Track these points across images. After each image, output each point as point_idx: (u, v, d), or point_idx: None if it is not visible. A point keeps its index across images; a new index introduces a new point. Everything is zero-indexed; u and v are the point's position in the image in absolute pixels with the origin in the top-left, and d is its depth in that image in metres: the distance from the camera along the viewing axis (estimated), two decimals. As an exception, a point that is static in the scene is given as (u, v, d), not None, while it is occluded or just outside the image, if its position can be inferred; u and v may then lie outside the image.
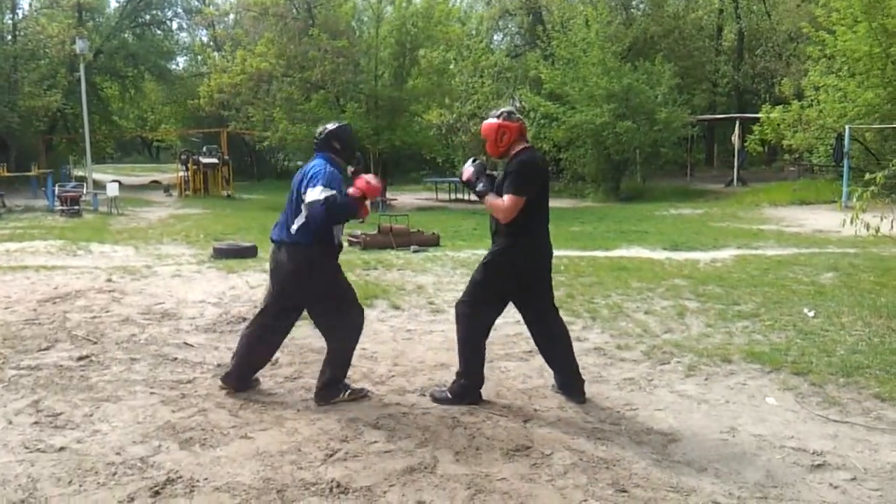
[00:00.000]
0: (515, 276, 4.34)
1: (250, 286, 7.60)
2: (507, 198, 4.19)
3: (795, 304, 6.86)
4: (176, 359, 5.30)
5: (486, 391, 4.64)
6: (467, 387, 4.42)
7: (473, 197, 4.77)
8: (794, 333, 5.87)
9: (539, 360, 4.82)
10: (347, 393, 4.46)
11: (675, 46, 31.91)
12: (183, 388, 4.70)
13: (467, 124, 28.51)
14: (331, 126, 4.60)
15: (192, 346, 5.63)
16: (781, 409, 4.36)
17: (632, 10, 36.06)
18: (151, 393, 4.59)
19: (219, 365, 5.14)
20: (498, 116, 4.44)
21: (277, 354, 5.39)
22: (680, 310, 6.71)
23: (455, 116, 28.54)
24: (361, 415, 4.22)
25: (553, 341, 4.51)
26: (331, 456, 3.65)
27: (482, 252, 10.06)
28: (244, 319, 6.28)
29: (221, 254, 9.46)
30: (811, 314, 6.41)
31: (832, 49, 19.62)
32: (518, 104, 28.77)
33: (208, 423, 4.09)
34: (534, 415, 4.26)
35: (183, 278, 8.08)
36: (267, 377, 4.90)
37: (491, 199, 4.30)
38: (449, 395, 4.45)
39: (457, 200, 23.94)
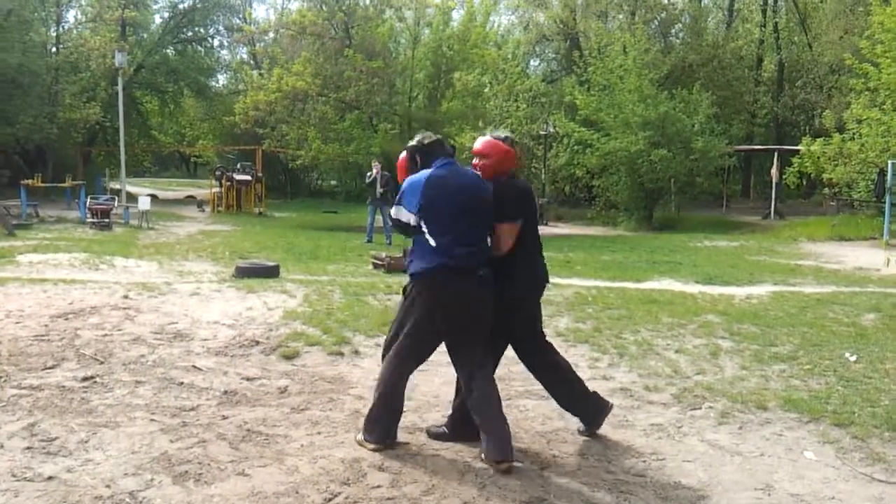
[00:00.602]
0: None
1: (268, 307, 7.41)
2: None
3: (836, 346, 6.50)
4: (182, 383, 5.12)
5: (503, 432, 4.37)
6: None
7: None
8: (834, 379, 5.52)
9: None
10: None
11: (714, 76, 31.51)
12: (185, 415, 4.51)
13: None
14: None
15: (200, 369, 5.44)
16: (821, 464, 4.04)
17: (670, 37, 35.81)
18: (152, 420, 4.40)
19: (225, 392, 4.94)
20: (506, 141, 4.31)
21: (287, 382, 5.20)
22: (713, 349, 6.38)
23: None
24: (368, 454, 3.98)
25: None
26: (329, 501, 3.41)
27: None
28: (257, 343, 6.11)
29: (243, 273, 9.31)
30: (853, 359, 6.05)
31: (875, 82, 19.14)
32: (552, 129, 28.52)
33: (206, 456, 3.89)
34: (552, 461, 3.99)
35: (201, 297, 7.93)
36: (273, 407, 4.69)
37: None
38: (445, 430, 4.25)
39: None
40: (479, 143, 4.31)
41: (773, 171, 25.71)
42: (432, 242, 3.93)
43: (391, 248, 14.00)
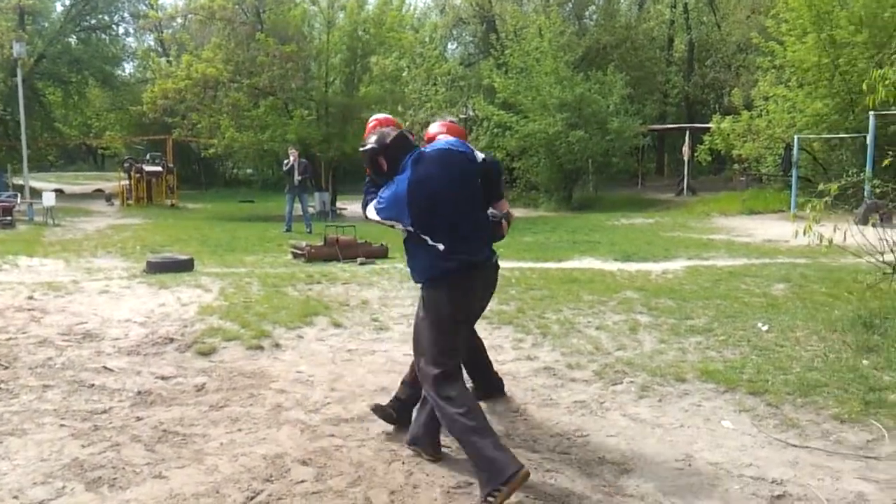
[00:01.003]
0: None
1: (182, 303, 7.16)
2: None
3: (748, 317, 6.70)
4: (93, 385, 4.88)
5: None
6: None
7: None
8: (748, 349, 5.68)
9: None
10: None
11: (627, 56, 32.20)
12: (97, 419, 4.30)
13: (420, 133, 28.24)
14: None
15: (112, 370, 5.20)
16: (738, 432, 4.14)
17: (584, 20, 36.38)
18: (62, 425, 4.18)
19: (139, 392, 4.74)
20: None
21: (205, 379, 5.03)
22: (632, 325, 6.49)
23: (408, 124, 28.25)
24: (291, 448, 3.87)
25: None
26: (252, 499, 3.30)
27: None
28: (171, 340, 5.88)
29: (155, 268, 8.97)
30: (765, 328, 6.25)
31: (781, 60, 19.87)
32: (471, 112, 28.62)
33: (120, 460, 3.71)
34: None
35: (111, 295, 7.60)
36: (190, 405, 4.52)
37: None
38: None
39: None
40: (437, 126, 4.38)
41: (685, 148, 26.44)
42: (440, 247, 3.60)
43: (311, 237, 13.78)
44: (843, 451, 3.85)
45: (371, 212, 3.77)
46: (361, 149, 3.84)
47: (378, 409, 4.14)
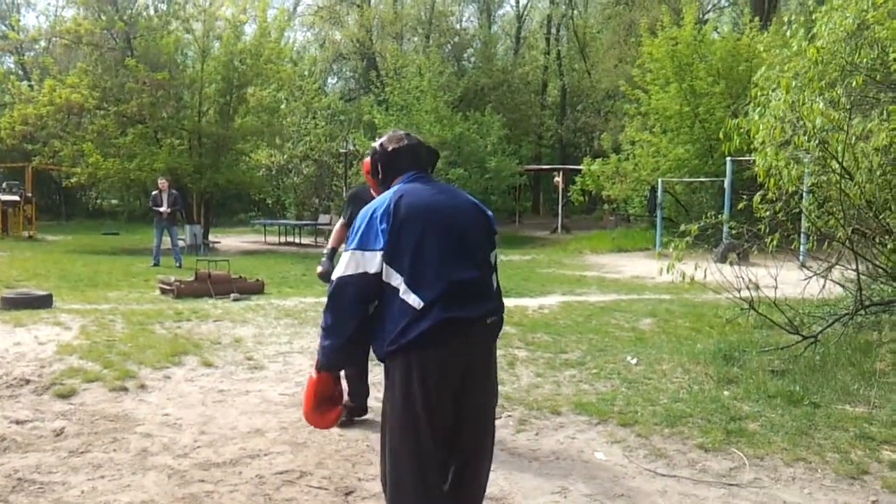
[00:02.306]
0: None
1: (39, 342, 6.67)
2: None
3: (619, 350, 6.96)
4: (-63, 431, 4.45)
5: (308, 458, 4.22)
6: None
7: (304, 240, 4.82)
8: (619, 382, 5.89)
9: (367, 422, 4.50)
10: None
11: (504, 99, 33.22)
12: (-59, 468, 3.92)
13: (299, 166, 27.90)
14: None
15: (-42, 415, 4.77)
16: (610, 463, 4.26)
17: (463, 62, 37.27)
18: None
19: (-11, 439, 4.36)
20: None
21: (64, 423, 4.70)
22: (510, 359, 6.59)
23: (286, 157, 27.86)
24: (158, 495, 3.65)
25: None
26: (112, 552, 3.08)
27: (310, 300, 9.62)
28: (27, 382, 5.47)
29: (10, 304, 8.34)
30: (634, 361, 6.50)
31: (647, 107, 21.04)
32: (352, 147, 28.61)
33: (-34, 514, 3.39)
34: (357, 485, 3.88)
35: (-41, 333, 7.01)
36: (48, 451, 4.20)
37: None
38: None
39: (287, 244, 23.20)
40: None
41: (557, 178, 27.32)
42: (413, 301, 2.68)
43: (181, 271, 13.24)
44: (708, 479, 4.03)
45: (341, 264, 2.78)
46: (372, 146, 3.17)
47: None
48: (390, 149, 3.00)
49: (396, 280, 2.68)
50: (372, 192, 4.28)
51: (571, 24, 37.13)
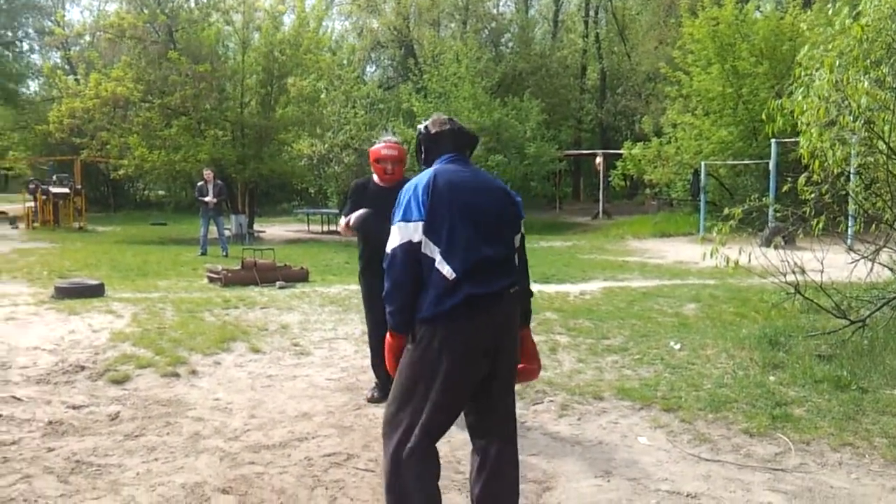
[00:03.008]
0: None
1: (92, 330, 6.89)
2: None
3: (662, 336, 6.93)
4: (1, 416, 4.64)
5: (354, 441, 4.31)
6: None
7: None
8: (662, 367, 5.88)
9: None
10: None
11: (542, 84, 32.99)
12: (6, 450, 4.09)
13: (340, 155, 28.13)
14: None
15: (21, 400, 4.96)
16: (654, 448, 4.27)
17: (500, 47, 37.10)
18: (-33, 458, 3.97)
19: (50, 422, 4.54)
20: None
21: (118, 408, 4.86)
22: (552, 345, 6.61)
23: (327, 147, 28.08)
24: (211, 476, 3.77)
25: None
26: (169, 531, 3.20)
27: (354, 287, 9.73)
28: (82, 368, 5.66)
29: (64, 293, 8.60)
30: (677, 347, 6.47)
31: (688, 89, 20.75)
32: (391, 136, 28.72)
33: (32, 493, 3.55)
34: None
35: (17, 321, 7.25)
36: (104, 435, 4.35)
37: None
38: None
39: (329, 233, 23.44)
40: (391, 150, 4.84)
41: (598, 160, 27.11)
42: (446, 272, 2.86)
43: (228, 261, 13.49)
44: (753, 464, 4.01)
45: (391, 237, 2.97)
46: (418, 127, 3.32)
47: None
48: (434, 131, 3.22)
49: (433, 250, 2.89)
50: (377, 180, 4.96)
51: (610, 6, 36.66)
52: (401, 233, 2.92)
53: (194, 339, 6.58)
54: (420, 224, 2.90)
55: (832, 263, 6.32)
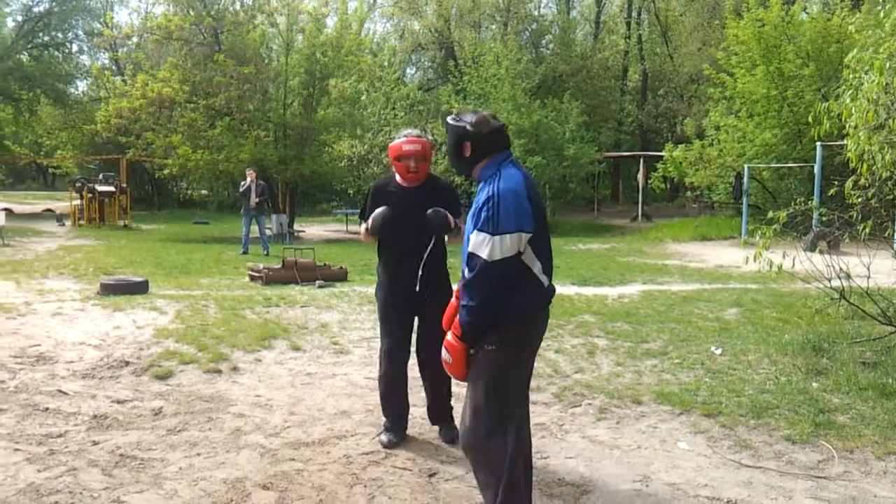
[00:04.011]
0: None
1: (137, 326, 7.05)
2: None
3: (702, 341, 6.85)
4: (48, 409, 4.77)
5: (390, 441, 4.34)
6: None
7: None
8: (702, 372, 5.81)
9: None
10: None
11: (583, 85, 32.81)
12: (52, 442, 4.21)
13: (379, 156, 28.30)
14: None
15: (66, 394, 5.09)
16: (693, 453, 4.23)
17: (541, 48, 36.98)
18: (16, 449, 4.08)
19: (95, 416, 4.65)
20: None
21: (162, 403, 4.96)
22: (590, 348, 6.58)
23: (367, 147, 28.27)
24: (252, 472, 3.84)
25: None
26: (211, 524, 3.27)
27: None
28: (127, 363, 5.79)
29: (109, 289, 8.81)
30: (718, 352, 6.39)
31: (732, 91, 20.46)
32: (430, 137, 28.83)
33: (77, 485, 3.64)
34: (440, 467, 3.98)
35: (64, 317, 7.45)
36: (147, 430, 4.45)
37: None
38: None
39: (367, 233, 23.55)
40: (413, 145, 4.19)
41: (640, 175, 26.97)
42: (541, 277, 3.08)
43: (269, 259, 13.66)
44: (795, 472, 3.96)
45: (478, 245, 2.93)
46: (452, 121, 3.23)
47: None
48: (485, 131, 3.12)
49: (533, 262, 3.02)
50: (399, 180, 4.31)
51: (653, 7, 36.31)
52: (513, 244, 2.91)
53: (236, 337, 6.69)
54: (529, 236, 2.96)
55: (878, 269, 6.19)
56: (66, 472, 3.80)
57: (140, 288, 9.02)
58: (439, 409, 4.48)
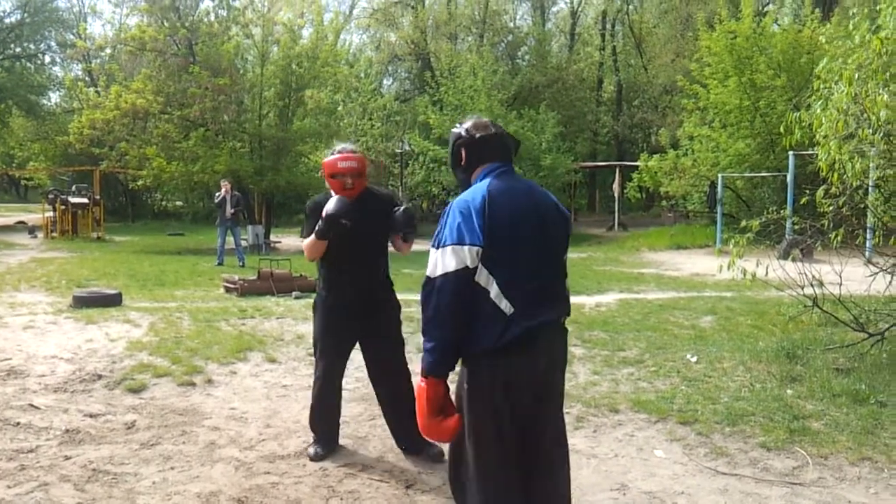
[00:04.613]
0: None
1: (110, 339, 6.95)
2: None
3: (678, 349, 6.89)
4: (18, 423, 4.69)
5: (369, 451, 4.31)
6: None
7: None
8: (678, 380, 5.84)
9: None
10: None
11: (559, 96, 33.04)
12: (23, 458, 4.13)
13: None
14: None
15: (38, 408, 5.01)
16: (670, 461, 4.24)
17: (517, 60, 37.20)
18: (-16, 465, 4.00)
19: (67, 430, 4.57)
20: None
21: (135, 417, 4.89)
22: (567, 357, 6.57)
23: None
24: (226, 486, 3.79)
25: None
26: (184, 539, 3.21)
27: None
28: (99, 377, 5.70)
29: (82, 302, 8.69)
30: (693, 360, 6.43)
31: (705, 102, 20.70)
32: (407, 147, 28.84)
33: (49, 501, 3.59)
34: (417, 478, 3.95)
35: (36, 330, 7.34)
36: (120, 444, 4.38)
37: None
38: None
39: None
40: (348, 161, 4.02)
41: (615, 185, 27.16)
42: (504, 307, 2.66)
43: (244, 270, 13.56)
44: (771, 479, 3.98)
45: (428, 262, 2.71)
46: (454, 129, 3.05)
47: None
48: (478, 136, 2.91)
49: (489, 282, 2.64)
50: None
51: (627, 19, 36.72)
52: (455, 256, 2.60)
53: (211, 349, 6.62)
54: (478, 249, 2.61)
55: (850, 276, 6.27)
56: (37, 487, 3.74)
57: (113, 300, 8.92)
58: (407, 435, 4.18)
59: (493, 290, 2.64)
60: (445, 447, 3.25)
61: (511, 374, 2.66)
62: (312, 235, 4.03)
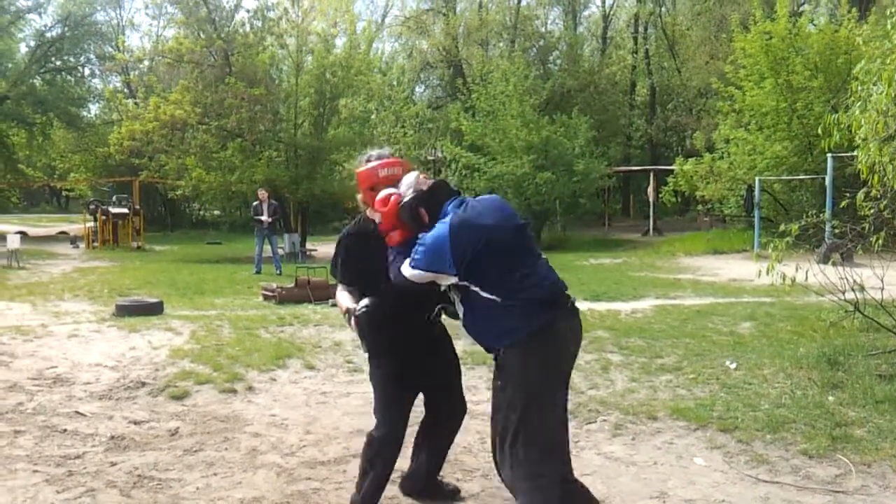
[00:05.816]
0: None
1: (152, 346, 7.09)
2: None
3: (717, 355, 6.82)
4: (65, 430, 4.82)
5: (407, 458, 4.34)
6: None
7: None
8: (717, 387, 5.79)
9: (473, 426, 4.59)
10: None
11: (591, 100, 32.89)
12: (71, 464, 4.25)
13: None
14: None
15: (84, 415, 5.14)
16: (710, 469, 4.22)
17: (549, 64, 37.13)
18: (35, 471, 4.13)
19: (112, 437, 4.69)
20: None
21: (178, 423, 4.99)
22: (604, 364, 6.57)
23: (378, 166, 28.32)
24: (269, 492, 3.86)
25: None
26: (230, 544, 3.28)
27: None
28: (143, 384, 5.83)
29: (124, 311, 8.87)
30: (733, 366, 6.37)
31: (741, 104, 20.46)
32: (440, 154, 28.92)
33: (95, 506, 3.67)
34: (457, 485, 3.97)
35: (80, 338, 7.51)
36: (164, 450, 4.48)
37: None
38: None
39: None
40: (390, 168, 3.41)
41: (650, 190, 26.95)
42: (495, 299, 3.01)
43: (282, 278, 13.72)
44: (813, 486, 3.94)
45: (406, 269, 3.06)
46: (401, 204, 3.15)
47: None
48: (425, 188, 3.22)
49: (481, 292, 3.12)
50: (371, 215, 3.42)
51: (660, 21, 36.42)
52: (426, 277, 3.08)
53: (251, 356, 6.72)
54: (453, 277, 3.03)
55: (893, 281, 6.16)
56: (84, 493, 3.84)
57: (155, 309, 9.08)
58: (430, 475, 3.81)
59: (485, 295, 3.02)
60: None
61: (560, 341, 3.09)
62: (348, 306, 3.35)
